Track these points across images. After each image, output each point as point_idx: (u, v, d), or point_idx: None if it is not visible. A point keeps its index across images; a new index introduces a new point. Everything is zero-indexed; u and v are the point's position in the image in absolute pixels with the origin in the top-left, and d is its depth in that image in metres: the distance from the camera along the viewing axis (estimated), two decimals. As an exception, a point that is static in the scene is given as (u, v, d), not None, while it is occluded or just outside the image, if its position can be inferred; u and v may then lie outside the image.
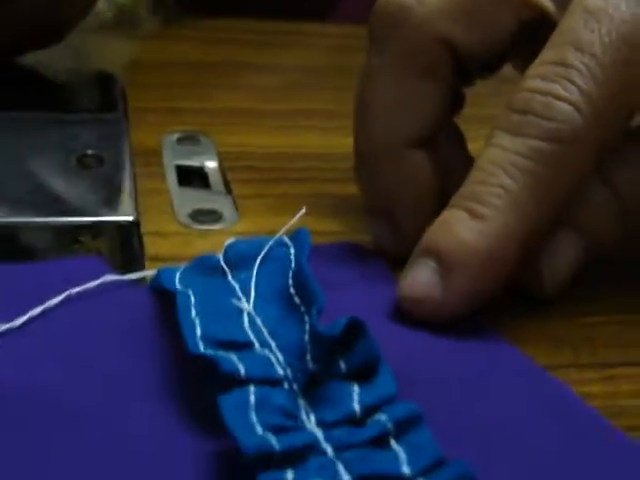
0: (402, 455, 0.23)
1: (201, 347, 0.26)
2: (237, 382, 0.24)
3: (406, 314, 0.30)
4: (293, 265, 0.29)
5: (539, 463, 0.25)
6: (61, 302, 0.28)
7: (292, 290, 0.28)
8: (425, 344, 0.29)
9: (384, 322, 0.30)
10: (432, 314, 0.30)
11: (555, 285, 0.33)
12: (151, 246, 0.34)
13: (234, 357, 0.25)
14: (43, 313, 0.28)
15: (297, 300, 0.27)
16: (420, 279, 0.30)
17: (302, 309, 0.27)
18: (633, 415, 0.28)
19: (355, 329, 0.25)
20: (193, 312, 0.27)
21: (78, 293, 0.29)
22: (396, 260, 0.33)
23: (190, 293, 0.28)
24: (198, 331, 0.26)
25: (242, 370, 0.25)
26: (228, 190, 0.39)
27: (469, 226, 0.29)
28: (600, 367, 0.31)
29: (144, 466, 0.23)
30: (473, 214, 0.30)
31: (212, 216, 0.36)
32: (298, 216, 0.30)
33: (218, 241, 0.32)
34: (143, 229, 0.35)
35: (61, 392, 0.25)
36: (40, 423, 0.24)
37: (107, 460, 0.23)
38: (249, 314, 0.27)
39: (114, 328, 0.28)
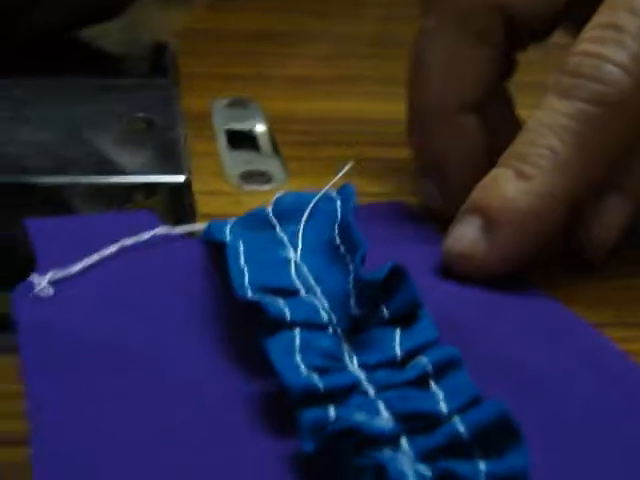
0: (440, 395, 0.23)
1: (249, 293, 0.26)
2: (283, 326, 0.25)
3: (451, 269, 0.31)
4: (339, 217, 0.29)
5: (573, 406, 0.25)
6: (115, 253, 0.29)
7: (337, 240, 0.29)
8: (468, 295, 0.30)
9: (429, 276, 0.31)
10: (476, 269, 0.31)
11: (602, 247, 0.33)
12: (202, 205, 0.35)
13: (280, 302, 0.26)
14: (98, 263, 0.29)
15: (342, 249, 0.28)
16: (465, 235, 0.31)
17: (347, 258, 0.28)
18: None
19: (397, 276, 0.26)
20: (242, 260, 0.28)
21: (131, 245, 0.30)
22: (444, 220, 0.33)
23: (239, 243, 0.29)
24: (246, 278, 0.27)
25: (288, 314, 0.25)
26: (277, 153, 0.40)
27: (515, 185, 0.30)
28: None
29: (193, 409, 0.25)
30: (520, 174, 0.30)
31: (261, 177, 0.37)
32: (345, 169, 0.31)
33: (267, 201, 0.33)
34: (194, 189, 0.36)
35: (116, 338, 0.27)
36: (96, 367, 0.25)
37: (158, 404, 0.24)
38: (296, 263, 0.28)
39: (166, 277, 0.29)
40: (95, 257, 0.29)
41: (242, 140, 0.41)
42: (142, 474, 0.22)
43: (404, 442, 0.22)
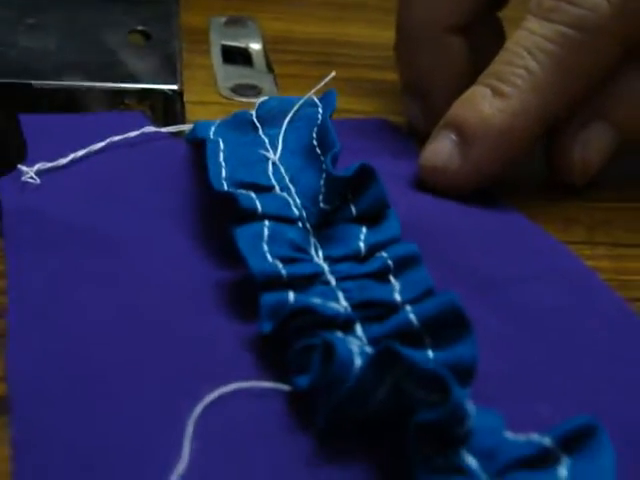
0: (396, 287, 0.25)
1: (224, 186, 0.28)
2: (254, 217, 0.26)
3: (426, 183, 0.32)
4: (319, 121, 0.30)
5: (531, 313, 0.26)
6: (103, 148, 0.31)
7: (315, 142, 0.30)
8: (439, 206, 0.31)
9: (403, 187, 0.32)
10: (449, 182, 0.32)
11: (584, 172, 0.34)
12: (192, 113, 0.36)
13: (253, 195, 0.27)
14: (86, 157, 0.30)
15: (318, 150, 0.29)
16: (441, 149, 0.32)
17: (322, 158, 0.29)
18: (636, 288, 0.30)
19: (366, 176, 0.27)
20: (221, 157, 0.29)
21: (119, 141, 0.31)
22: (426, 139, 0.34)
23: (220, 141, 0.30)
24: (223, 173, 0.28)
25: (259, 206, 0.27)
26: (270, 69, 0.41)
27: (491, 103, 0.31)
28: (612, 246, 0.32)
29: (166, 291, 0.26)
30: (496, 92, 0.31)
31: (253, 90, 0.38)
32: (329, 77, 0.32)
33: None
34: (186, 98, 0.37)
35: (96, 225, 0.28)
36: (75, 250, 0.27)
37: (131, 286, 0.26)
38: (274, 163, 0.29)
39: (150, 173, 0.30)
40: (83, 151, 0.30)
41: (237, 57, 0.42)
42: (110, 351, 0.23)
43: (358, 328, 0.24)
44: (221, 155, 0.29)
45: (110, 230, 0.28)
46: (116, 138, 0.31)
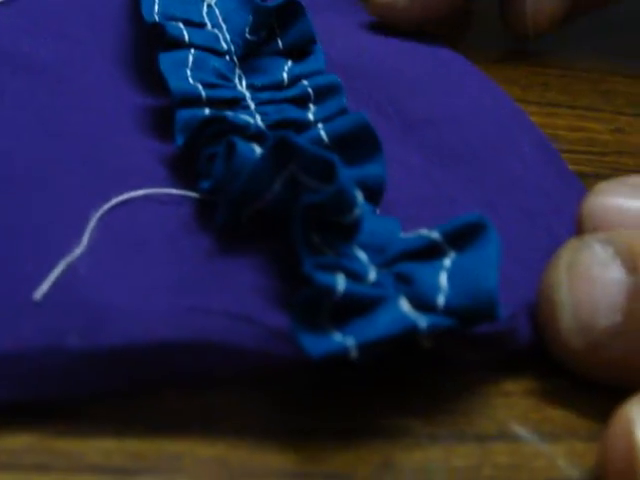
0: (312, 109, 0.25)
1: (155, 18, 0.28)
2: (180, 46, 0.27)
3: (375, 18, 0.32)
4: None
5: (456, 151, 0.27)
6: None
7: None
8: (376, 48, 0.31)
9: (345, 28, 0.32)
10: (397, 18, 0.32)
11: (536, 26, 0.34)
12: None
13: (182, 26, 0.27)
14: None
15: None
16: None
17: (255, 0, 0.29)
18: (565, 143, 0.31)
19: (294, 9, 0.27)
20: None
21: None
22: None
23: None
24: (156, 8, 0.28)
25: (186, 36, 0.27)
26: None
27: None
28: (545, 105, 0.33)
29: (88, 109, 0.26)
30: None
31: None
32: None
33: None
34: None
35: (24, 48, 0.28)
36: (5, 74, 0.27)
37: (54, 102, 0.26)
38: (209, 5, 0.29)
39: (88, 9, 0.31)
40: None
41: None
42: (26, 155, 0.24)
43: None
44: None
45: (36, 54, 0.28)
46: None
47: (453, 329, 0.19)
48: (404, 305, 0.19)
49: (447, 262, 0.19)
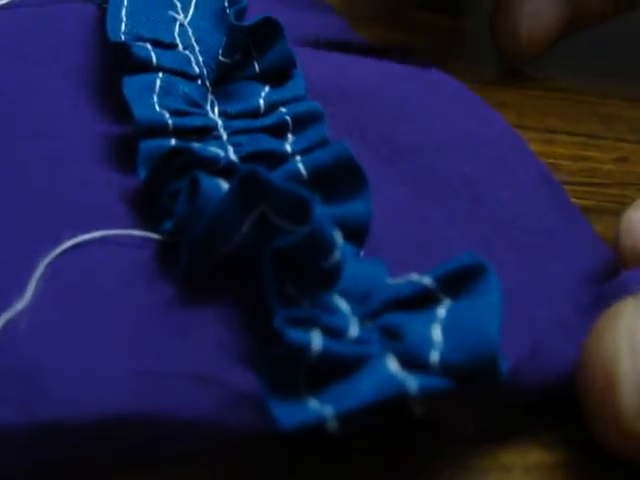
0: (290, 139, 0.23)
1: (121, 38, 0.25)
2: (148, 69, 0.24)
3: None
4: None
5: (445, 182, 0.24)
6: (6, 5, 0.28)
7: (226, 3, 0.27)
8: (358, 69, 0.28)
9: (330, 55, 0.30)
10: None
11: (530, 46, 0.32)
12: None
13: (149, 47, 0.25)
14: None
15: (228, 11, 0.27)
16: None
17: (230, 19, 0.27)
18: (568, 172, 0.28)
19: (272, 29, 0.25)
20: (123, 12, 0.27)
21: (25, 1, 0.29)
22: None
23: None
24: (123, 27, 0.26)
25: (154, 58, 0.25)
26: None
27: None
28: (544, 132, 0.30)
29: (51, 143, 0.24)
30: None
31: None
32: None
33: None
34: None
35: (6, 84, 0.26)
36: None
37: (18, 132, 0.24)
38: (182, 25, 0.27)
39: (53, 30, 0.28)
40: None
41: None
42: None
43: None
44: (123, 10, 0.27)
45: (7, 83, 0.26)
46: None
47: (448, 391, 0.16)
48: (392, 364, 0.16)
49: (441, 312, 0.17)
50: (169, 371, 0.17)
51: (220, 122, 0.24)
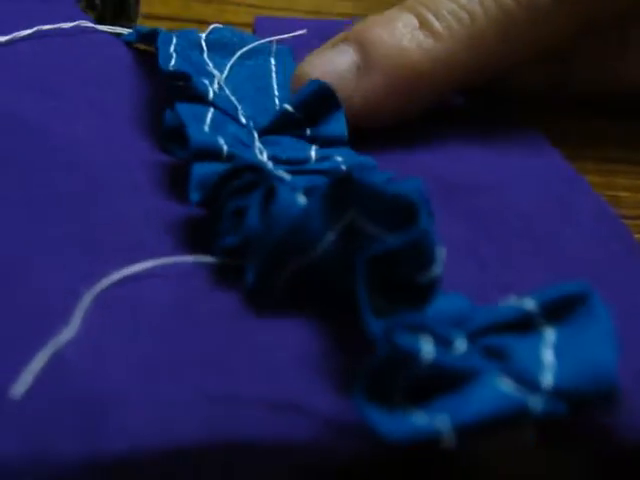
0: None
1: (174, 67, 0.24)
2: (202, 100, 0.23)
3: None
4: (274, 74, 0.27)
5: (504, 219, 0.23)
6: (30, 37, 0.27)
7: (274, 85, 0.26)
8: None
9: None
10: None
11: None
12: (148, 5, 0.32)
13: (207, 82, 0.24)
14: (10, 44, 0.27)
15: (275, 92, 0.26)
16: (335, 61, 0.25)
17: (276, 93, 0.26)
18: (627, 206, 0.27)
19: (328, 103, 0.24)
20: (171, 48, 0.26)
21: (49, 31, 0.27)
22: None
23: (173, 36, 0.26)
24: (172, 62, 0.25)
25: (211, 93, 0.23)
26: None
27: (413, 35, 0.25)
28: (602, 161, 0.29)
29: (84, 173, 0.22)
30: (424, 25, 0.25)
31: None
32: (298, 33, 0.28)
33: (220, 9, 0.31)
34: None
35: (30, 117, 0.24)
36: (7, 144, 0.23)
37: (70, 181, 0.22)
38: (219, 83, 0.26)
39: (82, 64, 0.27)
40: (4, 38, 0.27)
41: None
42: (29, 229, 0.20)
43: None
44: (171, 47, 0.26)
45: (32, 117, 0.24)
46: (45, 27, 0.27)
47: (563, 416, 0.15)
48: (505, 382, 0.15)
49: (550, 336, 0.15)
50: (242, 396, 0.15)
51: (271, 164, 0.22)
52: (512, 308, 0.16)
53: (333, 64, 0.25)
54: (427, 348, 0.14)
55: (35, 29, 0.27)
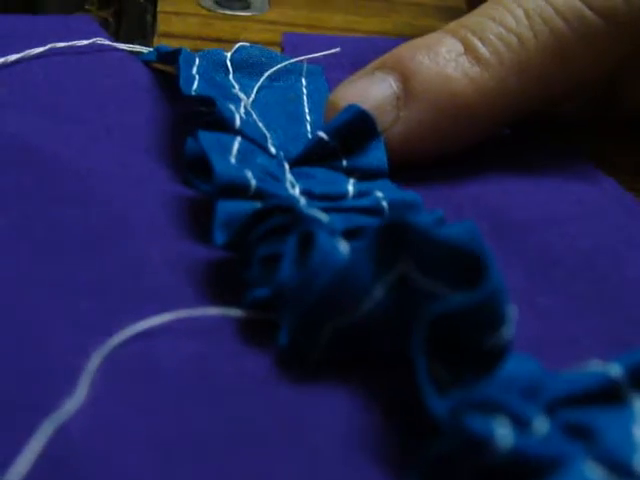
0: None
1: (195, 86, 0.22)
2: (227, 129, 0.21)
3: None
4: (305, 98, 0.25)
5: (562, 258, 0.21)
6: (43, 54, 0.25)
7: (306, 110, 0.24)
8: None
9: None
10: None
11: None
12: (167, 25, 0.30)
13: (233, 108, 0.22)
14: (22, 62, 0.25)
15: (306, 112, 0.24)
16: (373, 91, 0.23)
17: (307, 119, 0.24)
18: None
19: (366, 130, 0.22)
20: (194, 70, 0.24)
21: (63, 48, 0.25)
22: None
23: (196, 57, 0.24)
24: (195, 85, 0.23)
25: (238, 121, 0.21)
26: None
27: (458, 62, 0.23)
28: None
29: (97, 209, 0.20)
30: (469, 50, 0.23)
31: (240, 3, 0.32)
32: (330, 52, 0.26)
33: (242, 27, 0.29)
34: (160, 7, 0.31)
35: (41, 145, 0.22)
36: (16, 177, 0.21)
37: (84, 220, 0.20)
38: (245, 107, 0.24)
39: (100, 87, 0.25)
40: (17, 56, 0.25)
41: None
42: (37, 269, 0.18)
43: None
44: (194, 69, 0.24)
45: (43, 144, 0.22)
46: (59, 45, 0.25)
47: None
48: (594, 470, 0.12)
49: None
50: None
51: (303, 200, 0.20)
52: (594, 374, 0.14)
53: (370, 93, 0.23)
54: (503, 431, 0.12)
55: (48, 46, 0.25)
